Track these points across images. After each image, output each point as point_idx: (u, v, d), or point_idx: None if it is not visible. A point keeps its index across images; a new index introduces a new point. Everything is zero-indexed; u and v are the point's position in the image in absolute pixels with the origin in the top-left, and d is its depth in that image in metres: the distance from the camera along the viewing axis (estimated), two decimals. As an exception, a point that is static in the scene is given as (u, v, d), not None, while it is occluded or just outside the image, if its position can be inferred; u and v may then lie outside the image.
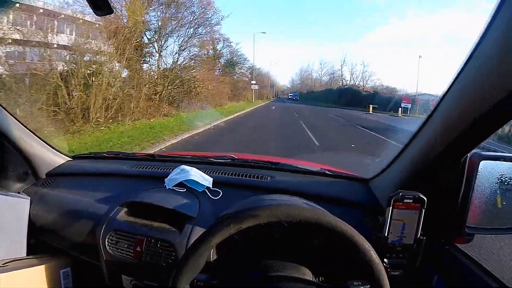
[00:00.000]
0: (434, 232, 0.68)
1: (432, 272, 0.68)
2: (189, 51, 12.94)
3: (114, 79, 7.95)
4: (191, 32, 12.82)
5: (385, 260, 0.65)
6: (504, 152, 0.72)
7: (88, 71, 7.36)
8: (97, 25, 8.19)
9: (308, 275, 0.60)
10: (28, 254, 0.95)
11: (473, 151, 0.62)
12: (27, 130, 1.01)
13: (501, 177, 0.70)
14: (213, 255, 0.64)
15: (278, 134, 8.04)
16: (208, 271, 0.55)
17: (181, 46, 12.27)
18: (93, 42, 7.85)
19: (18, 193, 1.02)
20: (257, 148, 5.91)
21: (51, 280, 0.90)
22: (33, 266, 0.87)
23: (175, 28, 12.01)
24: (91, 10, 0.65)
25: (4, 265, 0.84)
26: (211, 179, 0.92)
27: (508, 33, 0.41)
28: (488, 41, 0.45)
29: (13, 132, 0.96)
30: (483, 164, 0.65)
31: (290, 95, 53.35)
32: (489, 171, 0.67)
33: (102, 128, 7.23)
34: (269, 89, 48.61)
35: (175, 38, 12.27)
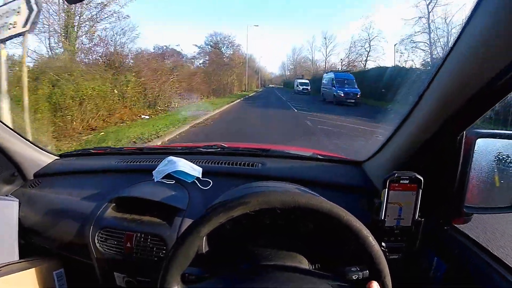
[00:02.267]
0: (432, 213, 0.67)
1: (432, 254, 0.67)
2: None
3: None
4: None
5: (383, 244, 0.64)
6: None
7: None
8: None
9: (304, 262, 0.58)
10: (20, 257, 0.92)
11: (469, 128, 0.60)
12: (11, 130, 0.97)
13: (498, 155, 0.69)
14: (204, 247, 0.62)
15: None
16: (200, 263, 0.53)
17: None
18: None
19: (6, 196, 0.99)
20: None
21: (45, 282, 0.88)
22: (26, 269, 0.85)
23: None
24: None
25: None
26: (201, 169, 0.90)
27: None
28: (482, 13, 0.44)
29: None
30: (479, 142, 0.63)
31: (299, 87, 22.45)
32: (486, 149, 0.66)
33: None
34: (246, 72, 25.13)
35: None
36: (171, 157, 0.92)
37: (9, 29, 3.59)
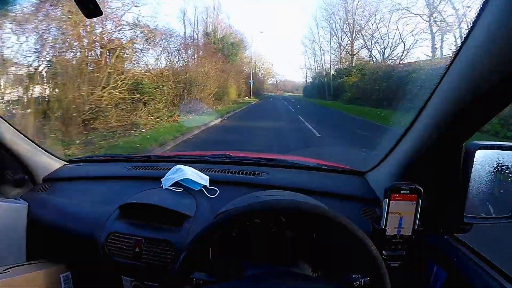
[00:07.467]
0: (432, 222, 0.68)
1: (432, 263, 0.68)
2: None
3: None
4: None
5: (384, 252, 0.65)
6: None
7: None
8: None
9: (307, 269, 0.60)
10: (27, 259, 0.94)
11: (468, 140, 0.62)
12: (21, 135, 1.00)
13: (497, 165, 0.70)
14: (211, 253, 0.64)
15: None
16: (207, 269, 0.55)
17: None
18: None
19: (15, 199, 1.01)
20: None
21: (52, 285, 0.89)
22: (33, 271, 0.87)
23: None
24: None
25: (4, 271, 0.83)
26: (208, 177, 0.92)
27: (503, 15, 0.41)
28: (482, 26, 0.45)
29: (6, 137, 0.95)
30: (479, 153, 0.64)
31: None
32: (485, 160, 0.67)
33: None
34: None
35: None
36: (179, 166, 0.94)
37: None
